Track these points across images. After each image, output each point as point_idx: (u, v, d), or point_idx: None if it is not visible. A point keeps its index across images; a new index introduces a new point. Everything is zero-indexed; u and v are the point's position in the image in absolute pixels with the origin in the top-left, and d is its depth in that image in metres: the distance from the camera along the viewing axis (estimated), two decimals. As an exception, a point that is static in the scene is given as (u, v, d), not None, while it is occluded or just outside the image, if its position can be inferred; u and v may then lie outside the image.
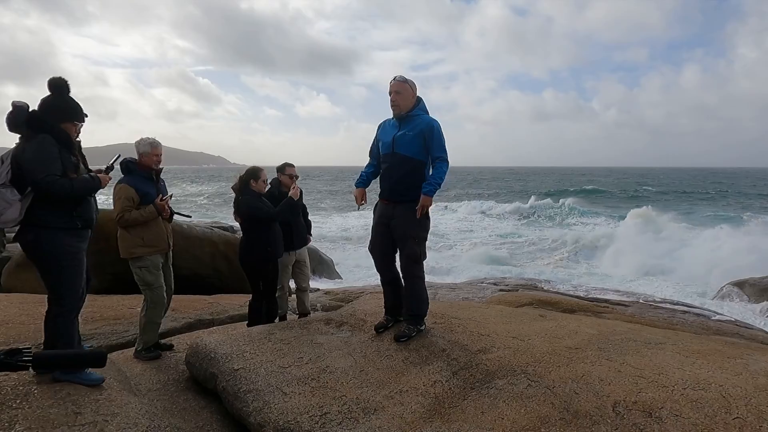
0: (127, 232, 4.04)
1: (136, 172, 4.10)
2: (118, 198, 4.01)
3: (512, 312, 4.62)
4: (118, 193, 4.03)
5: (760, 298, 11.59)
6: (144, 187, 4.06)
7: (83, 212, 3.05)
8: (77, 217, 3.00)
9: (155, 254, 4.10)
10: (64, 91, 3.02)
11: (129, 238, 4.05)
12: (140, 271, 4.10)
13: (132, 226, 4.02)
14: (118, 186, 4.06)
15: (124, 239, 4.06)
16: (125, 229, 4.04)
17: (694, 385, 2.77)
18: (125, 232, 4.05)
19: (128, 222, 4.00)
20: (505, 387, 2.90)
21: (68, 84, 3.03)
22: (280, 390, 3.07)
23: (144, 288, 4.14)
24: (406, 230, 3.63)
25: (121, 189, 4.03)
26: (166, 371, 3.93)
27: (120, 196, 4.01)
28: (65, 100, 3.04)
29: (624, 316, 7.59)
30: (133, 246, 4.05)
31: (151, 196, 4.06)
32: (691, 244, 19.24)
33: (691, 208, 35.00)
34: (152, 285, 4.12)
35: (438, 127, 3.64)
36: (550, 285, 12.80)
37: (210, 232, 9.73)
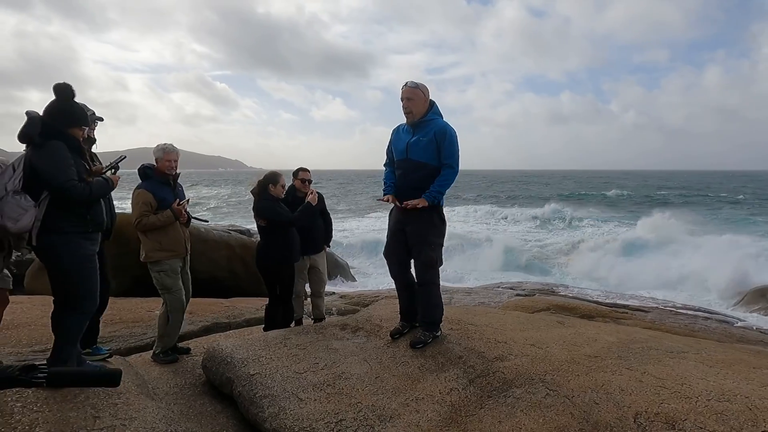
0: (146, 237, 4.10)
1: (153, 177, 4.16)
2: (136, 203, 4.08)
3: (529, 318, 4.56)
4: (136, 198, 4.10)
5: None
6: (161, 192, 4.11)
7: (95, 216, 3.08)
8: (90, 221, 3.03)
9: (173, 258, 4.15)
10: (70, 97, 3.05)
11: (148, 243, 4.11)
12: (159, 275, 4.15)
13: (150, 230, 4.07)
14: (137, 191, 4.12)
15: (144, 243, 4.13)
16: (144, 233, 4.10)
17: (719, 397, 2.69)
18: (144, 237, 4.11)
19: (146, 227, 4.05)
20: (523, 396, 2.86)
21: (73, 89, 3.05)
22: (296, 396, 3.06)
23: (163, 292, 4.19)
24: (422, 236, 3.60)
25: (139, 194, 4.10)
26: (183, 375, 3.97)
27: (138, 201, 4.07)
28: (72, 105, 3.06)
29: (644, 323, 7.46)
30: (151, 250, 4.11)
31: (168, 201, 4.11)
32: (707, 252, 18.84)
33: (713, 213, 34.24)
34: (171, 289, 4.17)
35: (452, 133, 3.58)
36: (568, 290, 12.64)
37: (227, 235, 9.82)
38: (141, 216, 4.03)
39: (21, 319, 5.23)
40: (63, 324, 3.01)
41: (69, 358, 3.01)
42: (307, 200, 4.71)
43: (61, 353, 3.00)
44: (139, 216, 4.04)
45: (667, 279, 15.11)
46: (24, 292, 7.60)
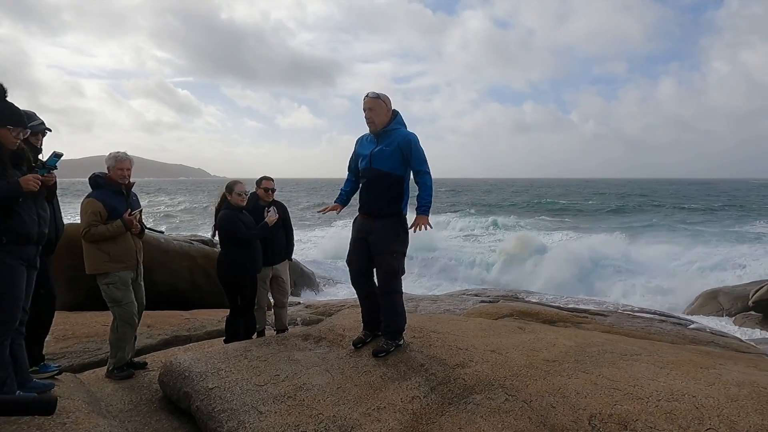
0: (95, 248, 3.95)
1: (105, 186, 4.03)
2: (85, 212, 3.93)
3: (491, 324, 4.62)
4: (84, 208, 3.95)
5: (733, 307, 11.84)
6: (112, 202, 3.98)
7: (13, 226, 2.78)
8: (4, 231, 2.74)
9: (123, 270, 4.02)
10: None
11: (96, 254, 3.96)
12: (108, 288, 4.00)
13: (99, 241, 3.93)
14: (86, 200, 3.98)
15: (90, 255, 3.97)
16: (92, 244, 3.94)
17: (668, 397, 2.80)
18: (92, 248, 3.96)
19: (94, 237, 3.91)
20: (483, 402, 2.89)
21: (2, 88, 2.80)
22: (256, 409, 3.01)
23: (112, 305, 4.04)
24: (385, 245, 3.61)
25: (88, 203, 3.95)
26: (138, 391, 3.84)
27: (86, 210, 3.93)
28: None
29: (602, 327, 7.66)
30: (99, 262, 3.97)
31: (119, 210, 3.98)
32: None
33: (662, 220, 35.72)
34: (121, 302, 4.03)
35: (416, 140, 3.63)
36: (531, 296, 12.89)
37: (188, 245, 9.59)
38: (89, 225, 3.89)
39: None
40: None
41: (1, 385, 2.75)
42: (266, 220, 4.67)
43: None
44: (87, 225, 3.89)
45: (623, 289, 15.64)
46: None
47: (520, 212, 43.66)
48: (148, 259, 9.01)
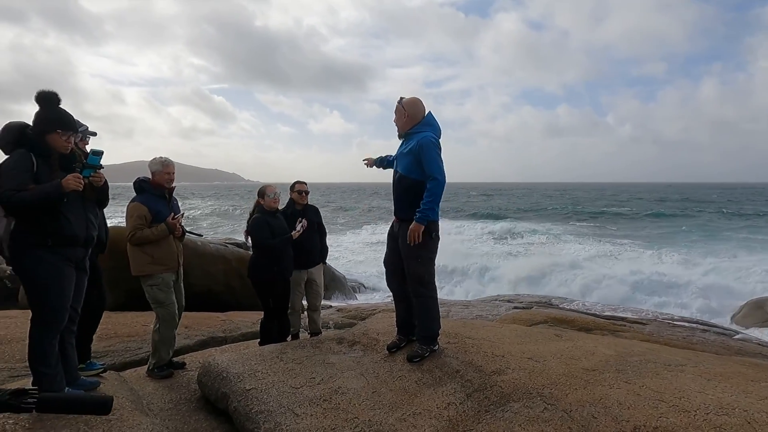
0: (139, 250, 4.08)
1: (149, 190, 4.16)
2: (131, 216, 4.06)
3: (527, 331, 4.54)
4: (130, 212, 4.08)
5: (783, 317, 11.29)
6: (156, 206, 4.11)
7: (59, 229, 2.87)
8: (50, 233, 2.84)
9: (166, 272, 4.13)
10: (51, 103, 2.92)
11: (140, 256, 4.08)
12: (151, 289, 4.12)
13: (143, 244, 4.05)
14: (131, 204, 4.11)
15: (135, 257, 4.10)
16: (137, 246, 4.07)
17: (717, 410, 2.68)
18: (136, 250, 4.08)
19: (140, 240, 4.03)
20: (521, 410, 2.84)
21: (55, 95, 2.93)
22: (292, 411, 3.03)
23: (155, 306, 4.16)
24: (410, 250, 3.58)
25: (133, 207, 4.09)
26: (178, 390, 3.93)
27: (132, 214, 4.06)
28: (48, 111, 2.93)
29: (642, 335, 7.44)
30: (143, 264, 4.09)
31: (163, 214, 4.10)
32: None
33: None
34: (164, 303, 4.14)
35: (428, 144, 3.52)
36: (565, 302, 12.61)
37: (223, 248, 9.79)
38: (135, 229, 4.02)
39: (14, 334, 5.18)
40: (30, 340, 2.87)
41: (50, 382, 2.84)
42: (292, 233, 4.73)
43: (39, 377, 2.85)
44: (133, 229, 4.02)
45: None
46: (18, 307, 7.54)
47: (554, 217, 42.87)
48: (185, 261, 9.26)
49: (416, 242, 3.51)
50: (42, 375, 2.85)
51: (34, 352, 2.86)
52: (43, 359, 2.86)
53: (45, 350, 2.86)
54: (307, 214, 5.04)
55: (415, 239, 3.50)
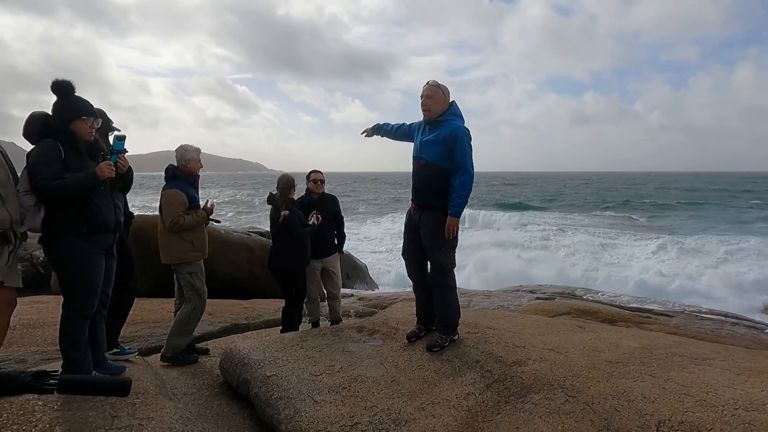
0: (178, 237, 4.10)
1: (181, 177, 4.20)
2: (171, 203, 4.07)
3: (549, 322, 4.48)
4: (170, 198, 4.09)
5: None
6: (191, 192, 4.18)
7: (92, 216, 2.92)
8: (83, 220, 2.89)
9: (201, 259, 4.21)
10: (67, 92, 2.93)
11: (179, 243, 4.10)
12: (191, 277, 4.15)
13: (182, 231, 4.09)
14: (170, 191, 4.12)
15: (173, 244, 4.11)
16: (175, 234, 4.09)
17: (747, 406, 2.60)
18: (175, 237, 4.09)
19: (182, 227, 4.06)
20: (542, 402, 2.80)
21: (71, 83, 2.92)
22: (312, 398, 3.06)
23: (192, 294, 4.18)
24: (433, 238, 3.57)
25: (174, 194, 4.10)
26: (201, 376, 4.00)
27: (173, 201, 4.08)
28: (67, 99, 2.95)
29: (668, 328, 7.28)
30: (183, 251, 4.12)
31: (197, 201, 4.19)
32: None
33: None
34: (200, 290, 4.20)
35: (463, 135, 3.50)
36: (589, 293, 12.41)
37: (246, 237, 9.92)
38: (177, 216, 4.05)
39: (46, 319, 5.35)
40: (62, 324, 2.94)
41: (79, 366, 2.91)
42: (311, 222, 4.78)
43: (69, 361, 2.91)
44: (176, 216, 4.04)
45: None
46: (50, 292, 7.78)
47: (582, 206, 42.08)
48: (210, 250, 9.42)
49: (454, 235, 3.52)
50: (72, 359, 2.93)
51: (66, 336, 2.93)
52: (74, 343, 2.93)
53: (76, 335, 2.93)
54: (324, 204, 5.04)
55: (452, 233, 3.51)
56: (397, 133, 4.03)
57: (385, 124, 4.16)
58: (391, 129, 4.08)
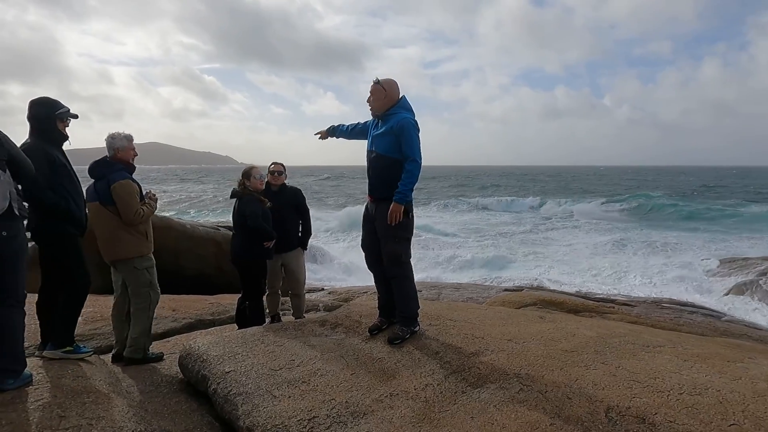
0: (133, 230, 3.93)
1: (121, 167, 3.96)
2: (128, 194, 3.87)
3: (510, 313, 4.55)
4: (126, 189, 3.88)
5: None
6: (137, 182, 4.04)
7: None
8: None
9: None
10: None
11: (135, 236, 3.93)
12: (146, 271, 4.02)
13: (142, 223, 3.96)
14: (124, 182, 3.88)
15: (127, 238, 3.90)
16: (129, 226, 3.91)
17: (691, 390, 2.70)
18: (129, 231, 3.91)
19: (144, 218, 3.94)
20: (497, 391, 2.85)
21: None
22: (270, 393, 3.04)
23: (147, 289, 4.04)
24: (387, 229, 3.59)
25: (128, 184, 3.90)
26: (160, 373, 3.93)
27: (129, 191, 3.89)
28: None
29: (629, 317, 7.49)
30: (139, 244, 3.97)
31: (141, 191, 4.04)
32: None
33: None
34: (154, 284, 4.09)
35: (409, 126, 3.56)
36: (556, 284, 12.67)
37: (214, 231, 9.78)
38: (138, 207, 3.90)
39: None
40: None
41: None
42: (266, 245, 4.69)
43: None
44: (138, 207, 3.89)
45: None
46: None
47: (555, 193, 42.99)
48: (175, 245, 9.19)
49: (397, 222, 3.51)
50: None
51: None
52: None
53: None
54: (284, 196, 4.97)
55: (396, 219, 3.51)
56: (353, 132, 4.06)
57: (340, 125, 4.17)
58: (346, 129, 4.10)
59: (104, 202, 3.90)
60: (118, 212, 3.88)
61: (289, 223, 4.99)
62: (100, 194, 3.91)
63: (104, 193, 3.89)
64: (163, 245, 8.11)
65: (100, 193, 3.90)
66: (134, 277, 4.02)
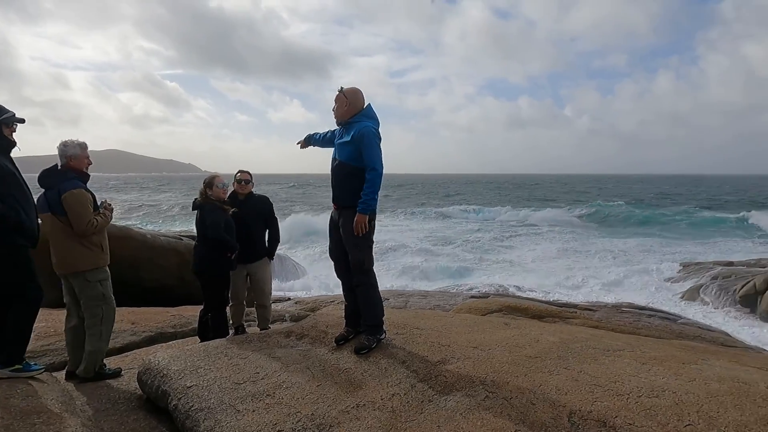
0: (87, 242, 3.78)
1: (74, 176, 3.82)
2: (81, 204, 3.73)
3: (476, 320, 4.60)
4: (79, 198, 3.73)
5: (720, 300, 11.91)
6: (91, 191, 3.90)
7: None
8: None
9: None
10: None
11: (89, 248, 3.79)
12: (101, 285, 3.88)
13: (95, 233, 3.81)
14: (76, 191, 3.73)
15: (81, 250, 3.76)
16: (85, 237, 3.77)
17: (649, 393, 2.78)
18: (83, 242, 3.77)
19: (98, 228, 3.79)
20: (463, 399, 2.86)
21: None
22: (234, 407, 2.96)
23: (101, 302, 3.89)
24: (350, 238, 3.58)
25: (80, 194, 3.75)
26: (117, 389, 3.78)
27: (82, 201, 3.74)
28: None
29: (591, 322, 7.68)
30: (95, 256, 3.83)
31: (95, 200, 3.90)
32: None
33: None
34: (108, 298, 3.94)
35: (369, 134, 3.56)
36: (522, 291, 12.89)
37: (176, 241, 9.52)
38: (92, 217, 3.75)
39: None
40: None
41: None
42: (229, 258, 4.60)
43: None
44: (91, 217, 3.74)
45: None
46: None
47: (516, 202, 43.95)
48: (134, 255, 8.90)
49: (363, 232, 3.52)
50: None
51: None
52: None
53: None
54: (250, 205, 4.87)
55: (361, 230, 3.50)
56: (325, 140, 4.06)
57: (315, 133, 4.17)
58: (320, 138, 4.10)
59: (56, 212, 3.74)
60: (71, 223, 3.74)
61: (256, 233, 4.89)
62: (51, 204, 3.74)
63: (55, 203, 3.73)
64: (122, 256, 7.85)
65: (51, 204, 3.74)
66: (86, 291, 3.87)
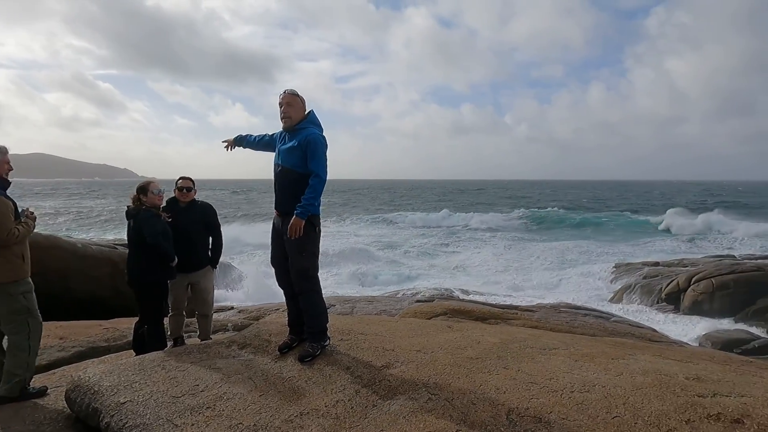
0: (8, 252, 3.56)
1: None
2: (1, 213, 3.51)
3: (420, 324, 4.66)
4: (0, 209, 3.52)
5: (649, 299, 12.71)
6: (12, 199, 3.65)
7: None
8: None
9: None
10: None
11: (11, 259, 3.57)
12: (24, 297, 3.66)
13: (17, 244, 3.58)
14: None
15: (2, 261, 3.55)
16: (6, 248, 3.54)
17: (581, 388, 2.92)
18: (4, 254, 3.55)
19: (19, 238, 3.56)
20: (406, 403, 2.90)
21: None
22: (171, 422, 2.85)
23: (26, 316, 3.67)
24: (294, 244, 3.55)
25: (1, 202, 3.55)
26: (42, 410, 3.55)
27: (2, 209, 3.52)
28: None
29: (530, 322, 7.98)
30: (16, 267, 3.62)
31: (16, 208, 3.66)
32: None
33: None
34: (33, 311, 3.72)
35: (317, 141, 3.58)
36: (465, 294, 13.19)
37: (109, 250, 9.08)
38: (14, 227, 3.52)
39: None
40: None
41: None
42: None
43: None
44: (11, 227, 3.52)
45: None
46: None
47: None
48: (63, 265, 8.40)
49: (297, 236, 3.48)
50: None
51: None
52: None
53: None
54: (192, 213, 4.69)
55: (296, 233, 3.47)
56: (260, 143, 4.01)
57: (248, 135, 4.11)
58: (253, 140, 4.04)
59: None
60: None
61: (198, 241, 4.71)
62: None
63: None
64: (49, 266, 7.40)
65: None
66: (7, 305, 3.64)
